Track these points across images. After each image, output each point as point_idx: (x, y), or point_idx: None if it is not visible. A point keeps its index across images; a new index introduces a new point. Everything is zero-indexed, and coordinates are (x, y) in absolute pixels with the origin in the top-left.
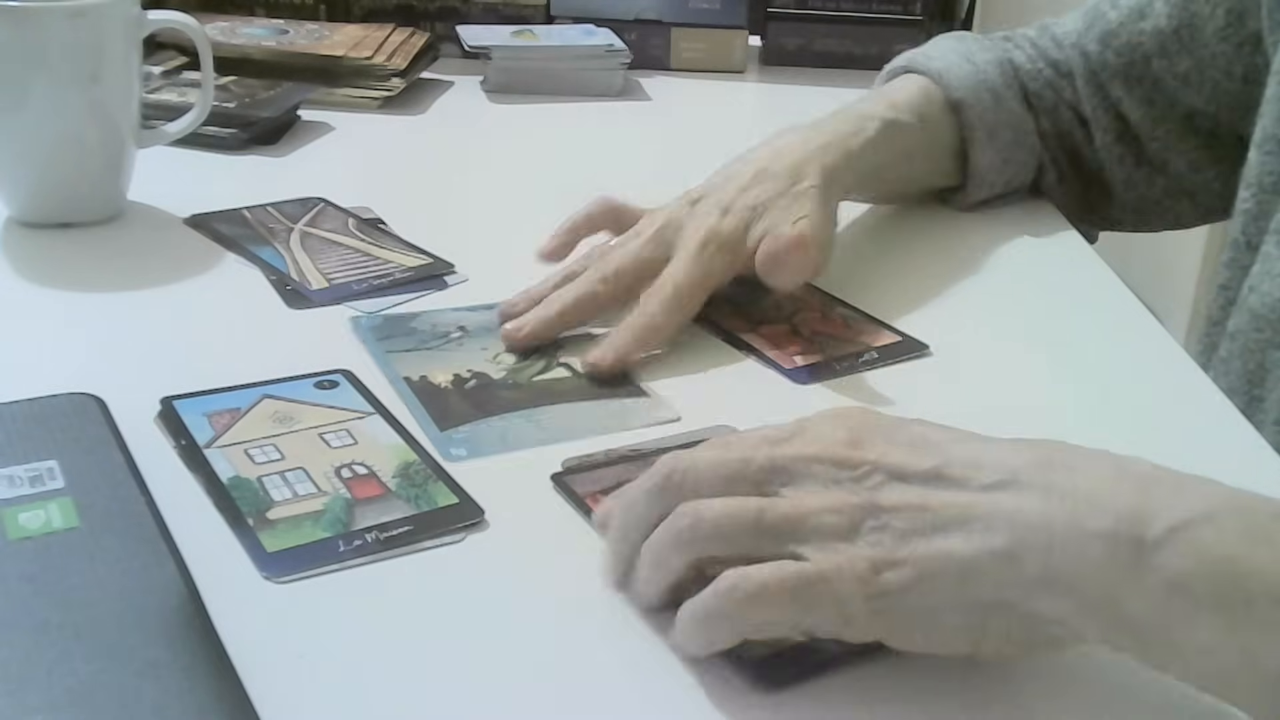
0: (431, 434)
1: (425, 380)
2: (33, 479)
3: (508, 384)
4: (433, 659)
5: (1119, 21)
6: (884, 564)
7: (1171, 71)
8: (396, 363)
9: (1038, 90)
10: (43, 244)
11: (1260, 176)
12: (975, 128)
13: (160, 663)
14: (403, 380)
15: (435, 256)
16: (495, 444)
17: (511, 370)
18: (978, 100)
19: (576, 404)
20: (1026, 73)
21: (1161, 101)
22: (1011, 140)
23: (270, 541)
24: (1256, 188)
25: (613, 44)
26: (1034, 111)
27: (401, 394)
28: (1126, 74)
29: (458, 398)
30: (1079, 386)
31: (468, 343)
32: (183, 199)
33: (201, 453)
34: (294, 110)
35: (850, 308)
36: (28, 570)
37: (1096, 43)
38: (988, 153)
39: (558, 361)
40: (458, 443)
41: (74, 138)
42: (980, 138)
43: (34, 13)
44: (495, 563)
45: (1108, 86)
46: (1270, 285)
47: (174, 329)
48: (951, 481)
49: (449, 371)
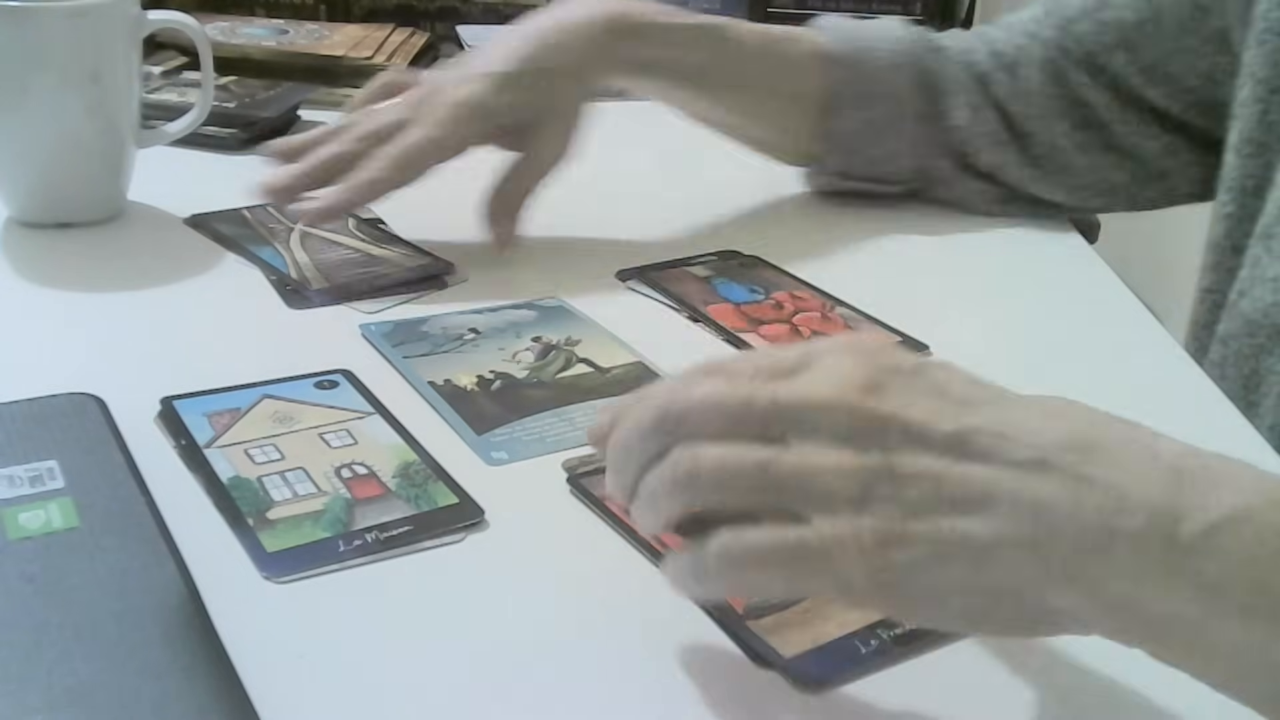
0: (469, 438)
1: (450, 384)
2: (33, 479)
3: (533, 383)
4: (433, 659)
5: (1079, 9)
6: (892, 539)
7: (1134, 64)
8: (417, 368)
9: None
10: (43, 244)
11: (1241, 180)
12: (846, 84)
13: (160, 663)
14: (428, 385)
15: (435, 256)
16: (535, 446)
17: (533, 369)
18: (856, 60)
19: (604, 400)
20: (955, 62)
21: (1125, 91)
22: (884, 116)
23: (270, 541)
24: (1238, 191)
25: None
26: (937, 101)
27: (429, 399)
28: (1089, 63)
29: (486, 400)
30: (1079, 386)
31: (483, 344)
32: (183, 199)
33: (201, 453)
34: (294, 110)
35: (850, 308)
36: (28, 570)
37: (1055, 29)
38: (851, 115)
39: (577, 358)
40: (498, 446)
41: (74, 138)
42: (847, 95)
43: (34, 13)
44: (495, 563)
45: (1067, 73)
46: (1262, 290)
47: (174, 329)
48: (975, 452)
49: (471, 374)
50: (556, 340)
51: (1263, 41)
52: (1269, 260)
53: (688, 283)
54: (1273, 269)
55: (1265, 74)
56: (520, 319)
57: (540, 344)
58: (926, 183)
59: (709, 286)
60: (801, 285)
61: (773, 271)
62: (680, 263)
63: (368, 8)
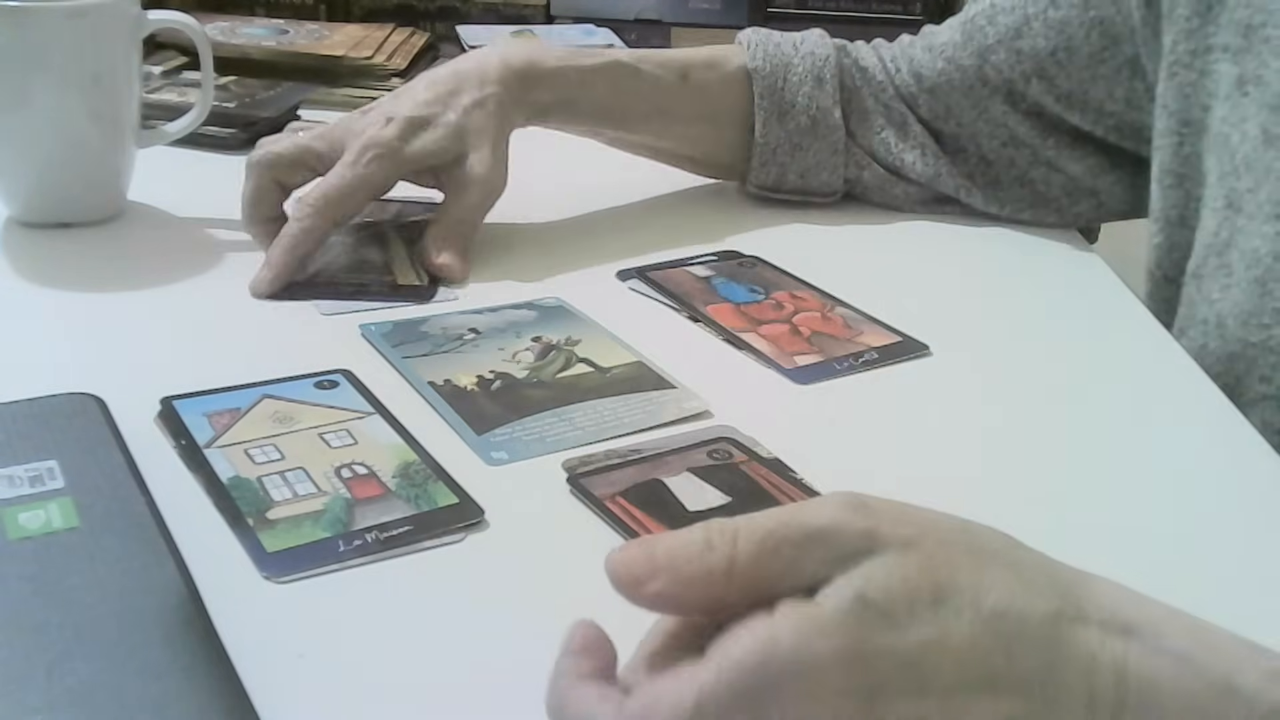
0: (469, 438)
1: (450, 384)
2: (33, 479)
3: (533, 383)
4: (432, 659)
5: (996, 38)
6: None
7: (1052, 93)
8: (417, 368)
9: (885, 100)
10: (43, 244)
11: (1165, 210)
12: (764, 97)
13: (160, 663)
14: (428, 385)
15: (427, 281)
16: (535, 446)
17: (533, 369)
18: (774, 73)
19: (604, 400)
20: (874, 81)
21: (1048, 117)
22: (807, 126)
23: (270, 541)
24: (1163, 222)
25: (613, 44)
26: (859, 114)
27: (429, 399)
28: (1008, 90)
29: (486, 399)
30: (1079, 386)
31: (482, 344)
32: (183, 199)
33: (201, 453)
34: (294, 110)
35: (850, 308)
36: (28, 570)
37: (973, 58)
38: (774, 129)
39: (577, 358)
40: (498, 446)
41: (74, 138)
42: (768, 108)
43: (34, 13)
44: (495, 563)
45: (988, 101)
46: (1195, 333)
47: (174, 329)
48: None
49: (471, 374)
50: (556, 340)
51: (1173, 74)
52: (1199, 300)
53: (688, 283)
54: (1202, 310)
55: (1176, 106)
56: (520, 319)
57: (540, 344)
58: (859, 190)
59: (709, 286)
60: (801, 285)
61: (773, 271)
62: (680, 263)
63: (368, 8)
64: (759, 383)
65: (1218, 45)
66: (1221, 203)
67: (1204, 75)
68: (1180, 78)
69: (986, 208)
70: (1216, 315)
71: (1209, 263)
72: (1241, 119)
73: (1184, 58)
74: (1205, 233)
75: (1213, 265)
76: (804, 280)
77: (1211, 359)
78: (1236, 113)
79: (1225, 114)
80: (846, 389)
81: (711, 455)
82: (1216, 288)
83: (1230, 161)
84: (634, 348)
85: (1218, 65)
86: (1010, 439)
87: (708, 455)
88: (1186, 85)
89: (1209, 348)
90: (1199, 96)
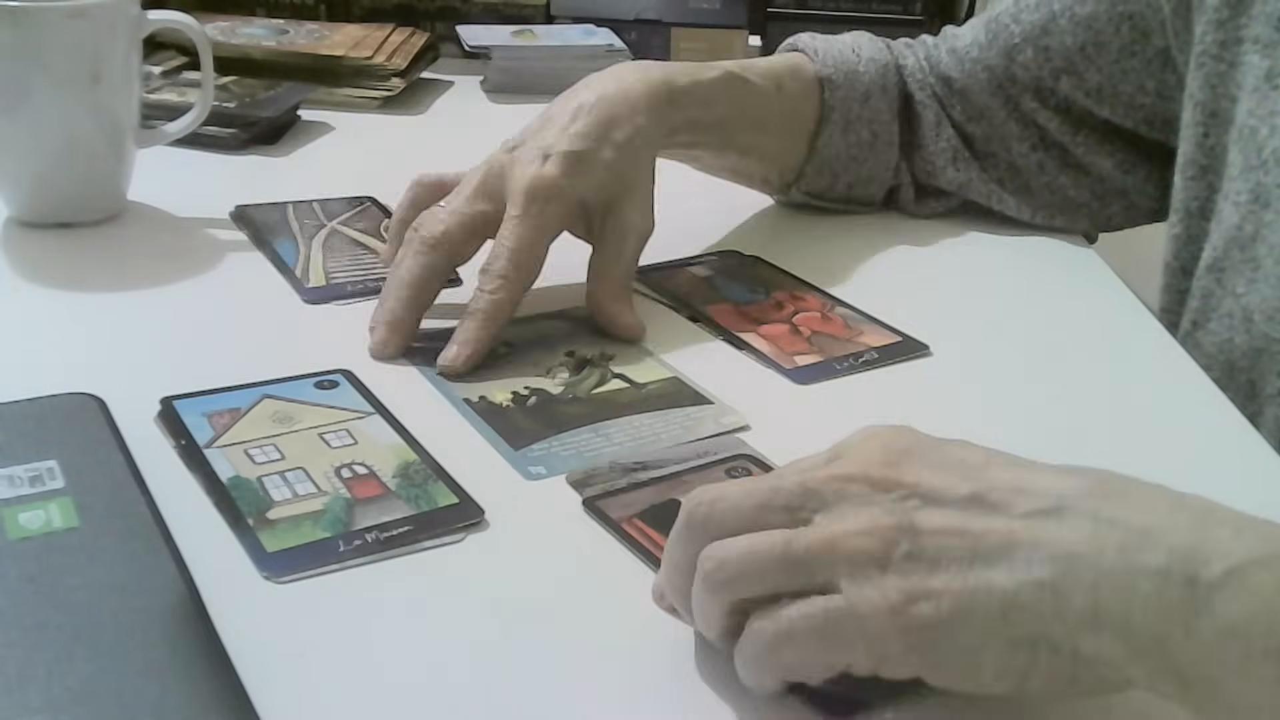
0: (505, 453)
1: (485, 400)
2: (33, 479)
3: (568, 399)
4: (432, 659)
5: (1023, 36)
6: (918, 594)
7: (1082, 88)
8: (451, 385)
9: (923, 100)
10: (43, 244)
11: (1186, 202)
12: (834, 109)
13: (160, 663)
14: (463, 402)
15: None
16: (572, 460)
17: (569, 385)
18: (846, 83)
19: (641, 415)
20: (915, 81)
21: (1077, 112)
22: (868, 141)
23: (270, 541)
24: (1184, 213)
25: (613, 44)
26: (907, 123)
27: (466, 416)
28: (1036, 88)
29: (521, 415)
30: (1079, 387)
31: (515, 358)
32: (183, 199)
33: (201, 453)
34: (294, 110)
35: (850, 308)
36: (28, 570)
37: (1000, 57)
38: (837, 139)
39: (612, 374)
40: (535, 460)
41: (74, 138)
42: (836, 120)
43: (34, 13)
44: (495, 563)
45: (1017, 100)
46: (1217, 325)
47: (174, 329)
48: (992, 507)
49: (506, 390)
50: (591, 355)
51: (1201, 64)
52: (1221, 294)
53: (688, 283)
54: (1226, 304)
55: (1202, 97)
56: (553, 331)
57: (575, 359)
58: (893, 201)
59: (709, 286)
60: (801, 285)
61: (773, 271)
62: (680, 263)
63: (368, 8)
64: (759, 383)
65: (1248, 37)
66: (1246, 196)
67: (1233, 67)
68: (1208, 68)
69: (1018, 214)
70: (1242, 309)
71: (1232, 256)
72: (1270, 112)
73: (1213, 49)
74: (1226, 225)
75: (1236, 259)
76: (804, 280)
77: (1237, 353)
78: (1265, 106)
79: (1253, 107)
80: (846, 389)
81: (730, 474)
82: (1242, 281)
83: (1257, 155)
84: (669, 363)
85: (1248, 57)
86: (1010, 439)
87: (726, 474)
88: (1214, 76)
89: (1234, 342)
90: (1226, 88)
